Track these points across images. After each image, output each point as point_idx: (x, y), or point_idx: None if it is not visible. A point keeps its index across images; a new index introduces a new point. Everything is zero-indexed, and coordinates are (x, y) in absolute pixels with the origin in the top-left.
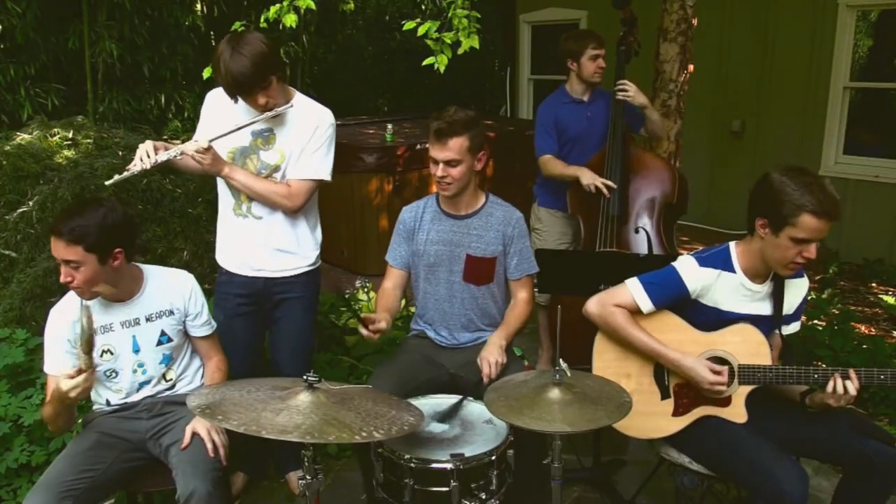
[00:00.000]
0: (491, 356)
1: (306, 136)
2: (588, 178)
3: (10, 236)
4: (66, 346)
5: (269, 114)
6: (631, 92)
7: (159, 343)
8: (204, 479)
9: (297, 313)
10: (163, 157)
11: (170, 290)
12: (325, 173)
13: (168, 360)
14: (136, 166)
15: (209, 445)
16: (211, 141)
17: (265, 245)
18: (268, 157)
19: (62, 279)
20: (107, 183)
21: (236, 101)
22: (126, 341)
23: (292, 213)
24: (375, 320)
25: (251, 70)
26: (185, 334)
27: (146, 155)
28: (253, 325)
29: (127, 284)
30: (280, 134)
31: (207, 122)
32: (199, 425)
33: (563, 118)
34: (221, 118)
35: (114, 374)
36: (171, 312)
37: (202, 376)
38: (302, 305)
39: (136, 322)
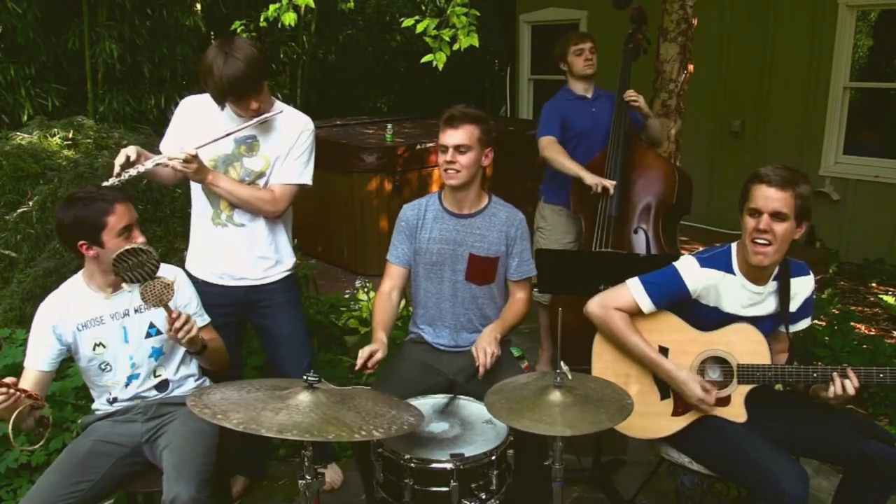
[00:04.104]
0: (488, 346)
1: (290, 142)
2: (591, 178)
3: (10, 236)
4: (51, 340)
5: (258, 119)
6: (640, 101)
7: (148, 335)
8: (188, 483)
9: (286, 318)
10: (149, 164)
11: None
12: (307, 178)
13: (158, 355)
14: (117, 178)
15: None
16: (198, 148)
17: (248, 253)
18: (252, 164)
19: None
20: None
21: (223, 107)
22: (117, 332)
23: (274, 218)
24: (372, 354)
25: (247, 74)
26: None
27: (125, 162)
28: (236, 334)
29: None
30: (264, 141)
31: (183, 129)
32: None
33: (568, 114)
34: (201, 126)
35: (107, 367)
36: None
37: (197, 384)
38: (288, 309)
39: (126, 313)
